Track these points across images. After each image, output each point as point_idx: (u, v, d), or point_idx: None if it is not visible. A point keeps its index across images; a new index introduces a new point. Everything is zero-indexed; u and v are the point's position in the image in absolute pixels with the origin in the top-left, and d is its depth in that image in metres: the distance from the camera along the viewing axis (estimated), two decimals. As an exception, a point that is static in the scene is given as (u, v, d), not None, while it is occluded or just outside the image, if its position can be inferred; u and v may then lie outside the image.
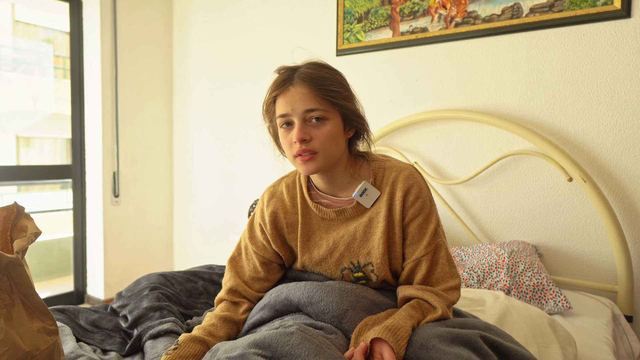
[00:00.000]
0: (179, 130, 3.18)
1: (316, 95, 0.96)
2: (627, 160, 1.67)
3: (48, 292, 2.87)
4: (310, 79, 0.97)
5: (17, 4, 2.86)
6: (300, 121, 0.96)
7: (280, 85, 0.99)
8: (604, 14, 1.67)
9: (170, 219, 3.24)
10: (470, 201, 2.01)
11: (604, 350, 1.31)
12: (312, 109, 0.96)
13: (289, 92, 0.97)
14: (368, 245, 1.02)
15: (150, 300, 1.25)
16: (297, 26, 2.55)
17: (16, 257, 0.65)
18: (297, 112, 0.96)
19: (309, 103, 0.95)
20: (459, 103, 2.02)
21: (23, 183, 2.96)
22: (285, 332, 0.80)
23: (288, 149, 1.00)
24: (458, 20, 1.99)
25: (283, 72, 1.01)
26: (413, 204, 1.00)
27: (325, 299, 0.94)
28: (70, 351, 1.00)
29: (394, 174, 1.03)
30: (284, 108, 0.98)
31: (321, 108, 0.96)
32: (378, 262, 1.01)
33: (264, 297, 1.07)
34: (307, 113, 0.96)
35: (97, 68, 2.78)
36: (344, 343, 0.89)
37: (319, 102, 0.96)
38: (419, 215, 1.01)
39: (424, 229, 1.01)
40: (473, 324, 0.92)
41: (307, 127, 0.97)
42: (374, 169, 1.05)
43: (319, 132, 0.96)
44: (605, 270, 1.73)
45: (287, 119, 0.98)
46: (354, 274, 1.04)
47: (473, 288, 1.59)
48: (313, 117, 0.96)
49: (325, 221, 1.06)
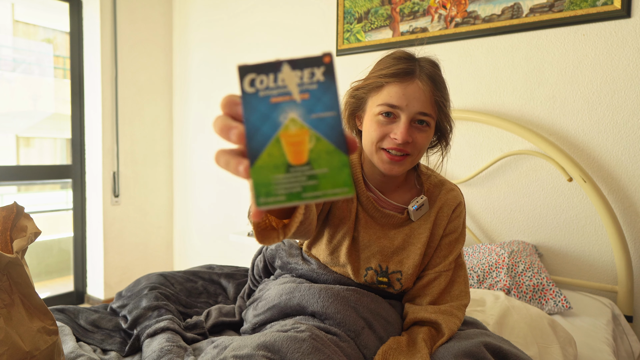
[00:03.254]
0: (179, 130, 3.18)
1: (431, 100, 0.91)
2: (627, 160, 1.67)
3: (48, 292, 2.87)
4: (432, 79, 0.92)
5: (17, 4, 2.86)
6: (408, 120, 0.90)
7: (401, 75, 0.91)
8: (604, 14, 1.67)
9: (170, 219, 3.24)
10: (470, 201, 2.01)
11: (604, 350, 1.30)
12: (426, 113, 0.90)
13: (409, 86, 0.90)
14: (402, 254, 1.01)
15: (149, 300, 1.25)
16: (297, 26, 2.55)
17: (16, 257, 0.65)
18: (410, 109, 0.90)
19: (426, 106, 0.90)
20: (459, 103, 2.02)
21: (23, 183, 2.96)
22: (296, 338, 0.78)
23: (377, 137, 0.93)
24: (458, 20, 1.99)
25: (405, 60, 0.93)
26: (454, 220, 1.02)
27: (342, 311, 0.91)
28: (70, 351, 1.00)
29: (443, 191, 1.03)
30: (397, 99, 0.90)
31: (432, 114, 0.92)
32: (409, 273, 1.00)
33: (273, 295, 1.04)
34: (418, 115, 0.90)
35: (97, 68, 2.78)
36: (355, 353, 0.88)
37: (432, 106, 0.91)
38: (454, 233, 1.03)
39: (453, 246, 1.03)
40: (474, 335, 0.93)
41: (411, 128, 0.91)
42: (427, 184, 1.03)
43: (419, 136, 0.92)
44: (605, 270, 1.73)
45: (394, 111, 0.91)
46: (378, 277, 1.01)
47: (473, 288, 1.59)
48: (418, 121, 0.91)
49: (367, 215, 1.02)
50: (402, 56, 0.94)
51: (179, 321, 1.17)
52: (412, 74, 0.91)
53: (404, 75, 0.90)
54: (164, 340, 1.02)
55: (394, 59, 0.94)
